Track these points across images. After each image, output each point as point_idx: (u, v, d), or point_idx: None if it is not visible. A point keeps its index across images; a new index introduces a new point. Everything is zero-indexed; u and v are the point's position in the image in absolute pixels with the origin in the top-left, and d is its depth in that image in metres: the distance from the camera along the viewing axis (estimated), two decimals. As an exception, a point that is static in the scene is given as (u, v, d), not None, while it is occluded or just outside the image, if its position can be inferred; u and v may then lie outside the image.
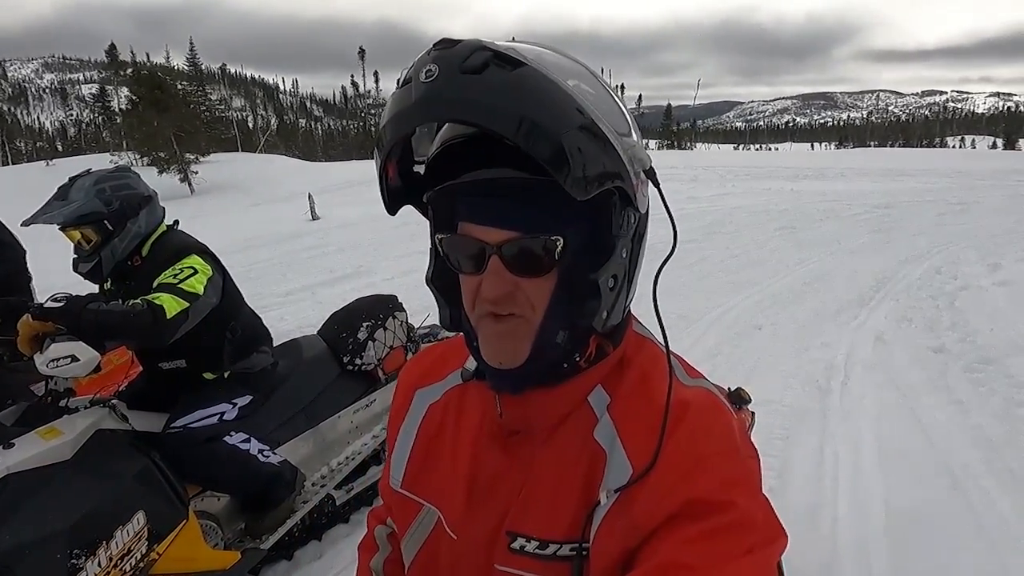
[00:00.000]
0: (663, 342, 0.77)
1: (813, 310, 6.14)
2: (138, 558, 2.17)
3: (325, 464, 3.04)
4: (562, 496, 0.73)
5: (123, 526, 2.13)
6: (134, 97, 27.55)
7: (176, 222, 2.67)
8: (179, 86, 32.16)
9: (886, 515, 2.89)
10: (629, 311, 0.79)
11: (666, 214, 0.74)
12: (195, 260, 2.45)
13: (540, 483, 0.75)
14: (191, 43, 43.23)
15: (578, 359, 0.74)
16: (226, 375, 2.64)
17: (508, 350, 0.71)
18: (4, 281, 3.59)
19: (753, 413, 1.95)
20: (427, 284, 0.80)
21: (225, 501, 2.68)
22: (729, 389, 1.91)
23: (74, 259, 2.47)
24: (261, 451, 2.66)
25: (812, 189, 16.89)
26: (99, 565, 2.04)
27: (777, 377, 4.51)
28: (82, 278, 2.51)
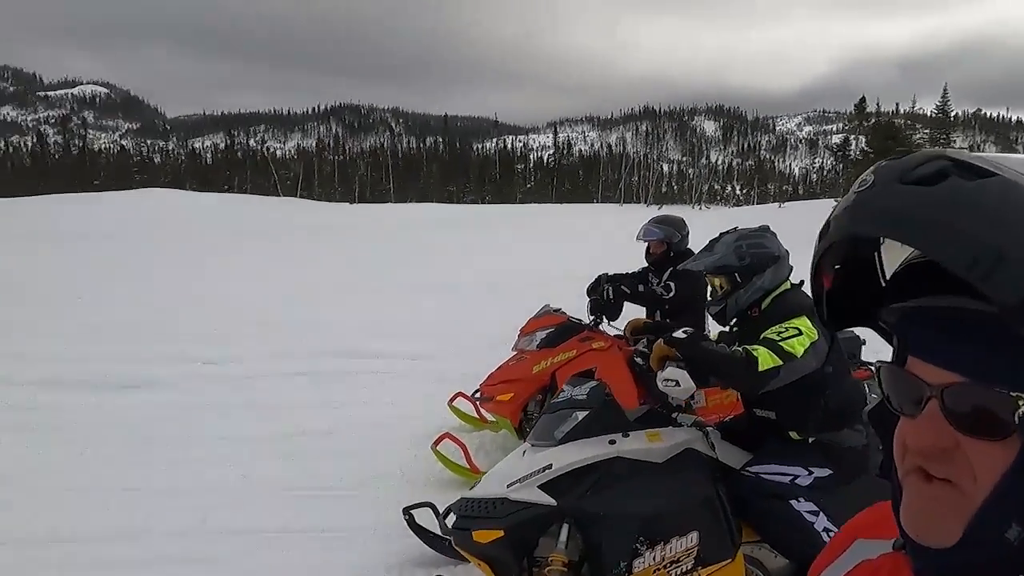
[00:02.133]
0: None
1: None
2: (683, 570, 2.44)
3: None
4: None
5: (679, 537, 2.44)
6: (867, 148, 28.36)
7: (801, 282, 2.78)
8: (920, 133, 31.18)
9: None
10: None
11: None
12: (803, 322, 2.52)
13: None
14: (944, 88, 41.06)
15: None
16: (810, 440, 2.62)
17: (931, 522, 0.56)
18: (683, 303, 4.46)
19: None
20: (866, 417, 0.71)
21: (782, 561, 2.68)
22: None
23: (707, 301, 2.90)
24: (826, 529, 2.53)
25: None
26: (653, 559, 2.42)
27: None
28: (711, 318, 2.93)
